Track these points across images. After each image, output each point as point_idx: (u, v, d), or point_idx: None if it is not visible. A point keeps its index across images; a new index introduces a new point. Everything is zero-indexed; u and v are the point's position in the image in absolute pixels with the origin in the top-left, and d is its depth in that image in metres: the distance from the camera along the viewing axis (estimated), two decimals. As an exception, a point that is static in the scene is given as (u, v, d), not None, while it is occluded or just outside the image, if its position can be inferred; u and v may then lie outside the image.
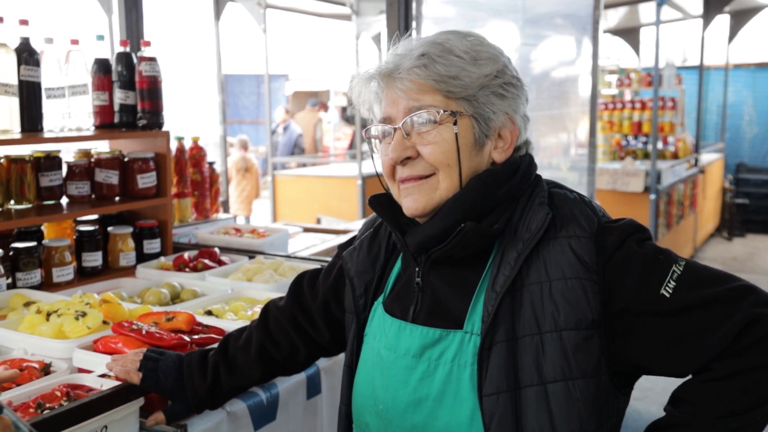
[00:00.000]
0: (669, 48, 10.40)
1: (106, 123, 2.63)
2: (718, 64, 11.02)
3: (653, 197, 6.90)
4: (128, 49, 2.66)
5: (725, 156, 10.88)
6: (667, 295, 1.11)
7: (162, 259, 2.64)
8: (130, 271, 2.58)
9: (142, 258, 2.68)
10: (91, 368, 1.62)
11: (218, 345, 1.55)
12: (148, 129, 2.65)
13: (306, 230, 3.75)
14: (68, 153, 2.64)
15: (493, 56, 1.21)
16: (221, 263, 2.63)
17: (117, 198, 2.65)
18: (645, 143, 8.64)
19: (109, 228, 2.66)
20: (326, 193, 7.38)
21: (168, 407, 1.53)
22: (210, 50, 6.66)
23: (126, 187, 2.66)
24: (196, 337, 1.74)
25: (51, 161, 2.46)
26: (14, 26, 2.31)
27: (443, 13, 4.92)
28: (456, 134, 1.18)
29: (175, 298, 2.24)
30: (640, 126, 8.35)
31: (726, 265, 8.12)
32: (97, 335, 1.73)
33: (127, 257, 2.62)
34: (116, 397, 1.43)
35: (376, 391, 1.26)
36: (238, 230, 3.12)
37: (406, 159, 1.21)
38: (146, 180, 2.66)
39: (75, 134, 2.51)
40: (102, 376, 1.55)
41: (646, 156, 8.30)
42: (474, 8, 4.93)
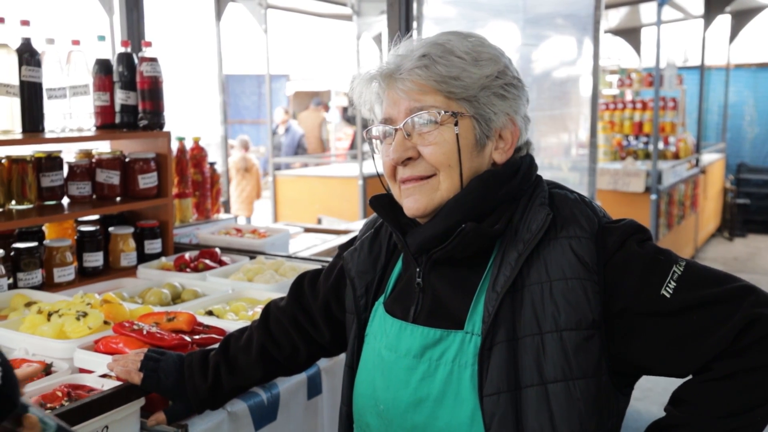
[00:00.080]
0: (670, 48, 10.40)
1: (107, 123, 2.63)
2: (719, 65, 11.01)
3: (654, 197, 6.89)
4: (129, 50, 2.66)
5: (726, 156, 10.87)
6: (668, 296, 1.11)
7: (163, 260, 2.64)
8: (131, 272, 2.58)
9: (143, 258, 2.68)
10: (92, 368, 1.62)
11: (219, 345, 1.55)
12: (149, 129, 2.65)
13: (307, 230, 3.75)
14: (69, 153, 2.64)
15: (494, 57, 1.21)
16: (222, 263, 2.63)
17: (118, 198, 2.65)
18: (646, 143, 8.63)
19: (110, 228, 2.66)
20: (327, 194, 7.38)
21: (169, 407, 1.53)
22: (211, 50, 6.67)
23: (127, 188, 2.66)
24: (197, 338, 1.74)
25: (52, 161, 2.47)
26: (15, 27, 2.31)
27: (444, 14, 4.92)
28: (457, 135, 1.18)
29: (176, 299, 2.24)
30: (641, 126, 8.35)
31: (727, 266, 8.12)
32: (98, 335, 1.73)
33: (128, 257, 2.63)
34: (117, 397, 1.43)
35: (377, 392, 1.26)
36: (239, 230, 3.12)
37: (407, 159, 1.21)
38: (147, 180, 2.66)
39: (76, 135, 2.52)
40: (103, 377, 1.55)
41: (647, 156, 8.30)
42: (475, 8, 4.92)
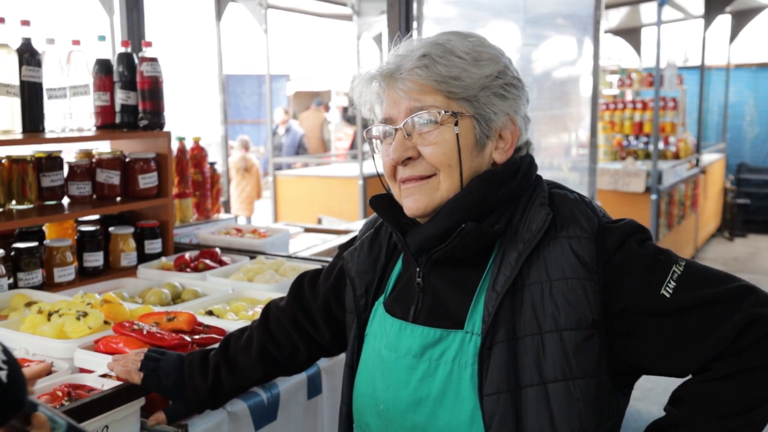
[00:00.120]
0: (670, 48, 10.41)
1: (108, 123, 2.63)
2: (720, 65, 11.01)
3: (654, 197, 6.89)
4: (129, 50, 2.66)
5: (726, 156, 10.88)
6: (668, 296, 1.11)
7: (163, 260, 2.64)
8: (132, 272, 2.58)
9: (144, 258, 2.68)
10: (93, 368, 1.62)
11: (219, 345, 1.55)
12: (150, 129, 2.65)
13: (307, 230, 3.75)
14: (69, 153, 2.65)
15: (494, 57, 1.21)
16: (222, 263, 2.63)
17: (118, 198, 2.65)
18: (646, 143, 8.63)
19: (111, 228, 2.66)
20: (327, 194, 7.38)
21: (169, 407, 1.53)
22: (211, 50, 6.68)
23: (127, 188, 2.66)
24: (197, 337, 1.74)
25: (52, 161, 2.47)
26: (16, 27, 2.31)
27: (444, 14, 4.92)
28: (457, 135, 1.18)
29: (176, 299, 2.24)
30: (642, 126, 8.35)
31: (727, 266, 8.12)
32: (99, 335, 1.73)
33: (129, 257, 2.63)
34: (117, 397, 1.43)
35: (377, 391, 1.26)
36: (239, 230, 3.12)
37: (407, 159, 1.21)
38: (147, 180, 2.66)
39: (76, 134, 2.52)
40: (103, 376, 1.55)
41: (647, 156, 8.30)
42: (475, 8, 4.92)
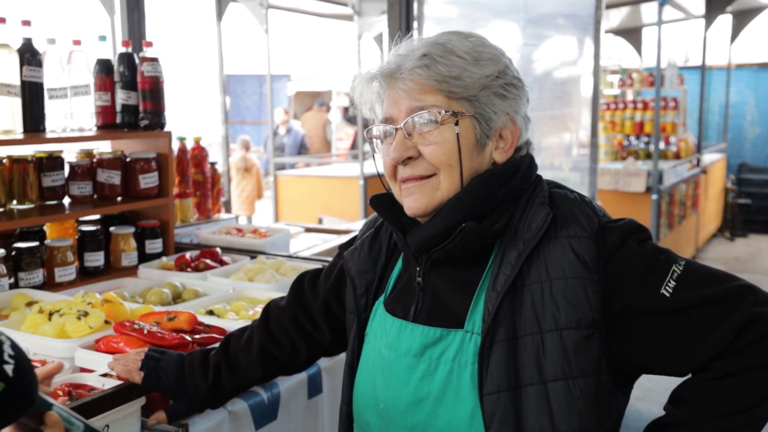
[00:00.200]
0: (671, 48, 10.41)
1: (108, 123, 2.64)
2: (721, 64, 11.01)
3: (655, 197, 6.89)
4: (130, 50, 2.67)
5: (727, 156, 10.87)
6: (668, 295, 1.11)
7: (164, 259, 2.65)
8: (132, 271, 2.59)
9: (144, 258, 2.68)
10: (93, 367, 1.62)
11: (219, 344, 1.55)
12: (150, 129, 2.66)
13: (308, 230, 3.75)
14: (70, 153, 2.65)
15: (495, 57, 1.21)
16: (223, 263, 2.64)
17: (119, 198, 2.65)
18: (647, 143, 8.63)
19: (111, 228, 2.66)
20: (328, 194, 7.38)
21: (169, 406, 1.53)
22: (212, 50, 6.69)
23: (128, 188, 2.66)
24: (198, 337, 1.74)
25: (53, 161, 2.47)
26: (17, 27, 2.31)
27: (445, 14, 4.92)
28: (457, 134, 1.18)
29: (177, 298, 2.24)
30: (642, 126, 8.35)
31: (728, 266, 8.11)
32: (99, 335, 1.73)
33: (129, 257, 2.63)
34: (118, 397, 1.44)
35: (377, 391, 1.26)
36: (240, 230, 3.12)
37: (408, 159, 1.21)
38: (148, 180, 2.66)
39: (77, 134, 2.52)
40: (104, 376, 1.55)
41: (648, 156, 8.30)
42: (476, 8, 4.92)
